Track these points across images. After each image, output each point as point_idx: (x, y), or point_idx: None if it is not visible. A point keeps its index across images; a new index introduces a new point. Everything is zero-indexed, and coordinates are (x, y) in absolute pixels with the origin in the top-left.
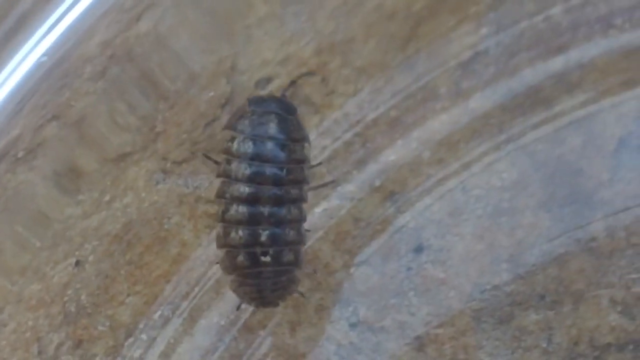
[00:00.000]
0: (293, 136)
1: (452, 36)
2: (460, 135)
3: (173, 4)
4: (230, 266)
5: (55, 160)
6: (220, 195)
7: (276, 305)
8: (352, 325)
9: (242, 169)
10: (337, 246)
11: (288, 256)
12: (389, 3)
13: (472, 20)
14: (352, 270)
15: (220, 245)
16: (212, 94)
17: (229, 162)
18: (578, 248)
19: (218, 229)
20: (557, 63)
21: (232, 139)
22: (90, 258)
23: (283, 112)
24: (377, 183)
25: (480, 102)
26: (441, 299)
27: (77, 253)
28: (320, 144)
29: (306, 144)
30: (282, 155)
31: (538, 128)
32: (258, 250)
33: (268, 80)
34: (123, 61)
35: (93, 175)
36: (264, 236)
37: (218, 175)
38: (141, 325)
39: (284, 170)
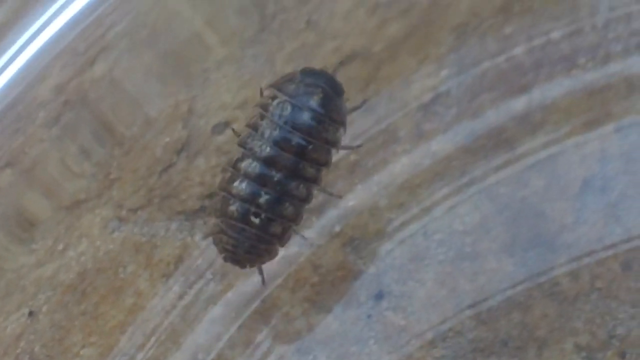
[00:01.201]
0: (332, 116)
1: (412, 78)
2: (421, 178)
3: (128, 47)
4: (220, 210)
5: (8, 208)
6: (241, 144)
7: (243, 266)
8: None
9: (272, 128)
10: (296, 294)
11: (276, 228)
12: (348, 45)
13: (433, 62)
14: (311, 318)
15: (221, 188)
16: (168, 139)
17: (262, 117)
18: (541, 293)
19: (225, 172)
20: (519, 103)
21: (273, 97)
22: (44, 308)
23: (330, 90)
24: (337, 229)
25: (441, 144)
26: (402, 345)
27: (30, 303)
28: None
29: (342, 129)
30: (314, 129)
31: (500, 170)
32: (252, 209)
33: (226, 124)
34: (77, 106)
35: (47, 223)
36: (263, 199)
37: (247, 125)
38: None
39: (311, 146)
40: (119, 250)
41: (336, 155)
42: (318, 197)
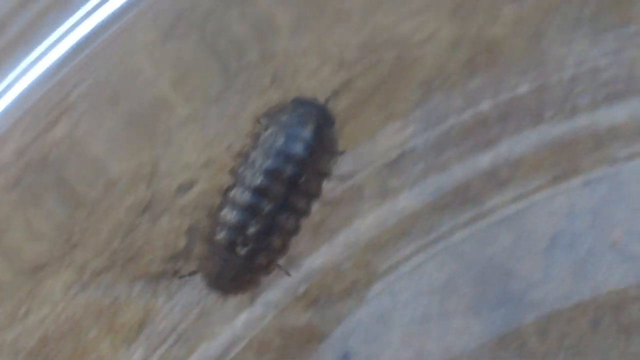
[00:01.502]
0: (325, 146)
1: (378, 135)
2: (387, 237)
3: (90, 108)
4: (207, 236)
5: None
6: (234, 172)
7: (225, 294)
8: None
9: (264, 158)
10: (261, 356)
11: (262, 259)
12: None
13: (398, 118)
14: None
15: (209, 215)
16: (131, 200)
17: (254, 147)
18: (509, 352)
19: (217, 198)
20: (486, 158)
21: (266, 127)
22: None
23: (323, 120)
24: (302, 290)
25: (407, 201)
26: None
27: None
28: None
29: (333, 159)
30: (307, 160)
31: (467, 227)
32: (239, 239)
33: (190, 185)
34: (38, 168)
35: (7, 287)
36: (251, 230)
37: (239, 154)
38: None
39: (303, 177)
40: (81, 315)
41: None
42: (282, 258)
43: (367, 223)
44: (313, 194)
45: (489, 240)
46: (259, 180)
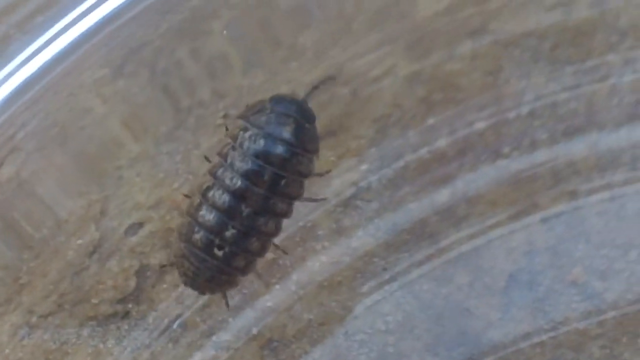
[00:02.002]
0: (306, 146)
1: (332, 173)
2: (341, 276)
3: (37, 148)
4: (185, 236)
5: None
6: (211, 172)
7: (202, 293)
8: None
9: (243, 161)
10: None
11: (239, 262)
12: None
13: (353, 156)
14: None
15: (188, 213)
16: (80, 241)
17: (233, 148)
18: None
19: (195, 197)
20: (443, 195)
21: (245, 129)
22: None
23: (302, 119)
24: (254, 331)
25: (362, 240)
26: None
27: None
28: (194, 292)
29: (315, 157)
30: (288, 162)
31: (424, 265)
32: (217, 241)
33: (140, 225)
34: None
35: None
36: (229, 233)
37: (218, 154)
38: None
39: (284, 180)
40: (29, 359)
41: None
42: (235, 298)
43: (321, 262)
44: (294, 196)
45: (446, 279)
46: (237, 183)
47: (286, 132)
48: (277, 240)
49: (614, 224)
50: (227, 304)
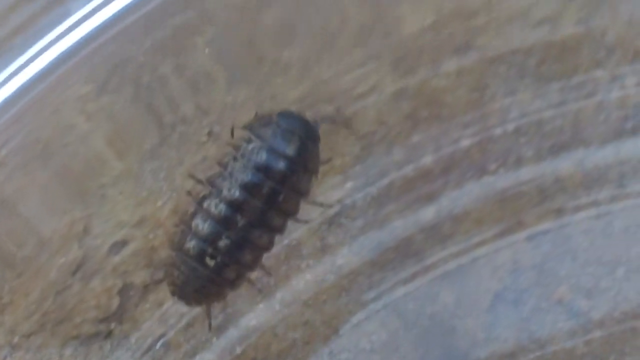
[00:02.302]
0: (307, 165)
1: (317, 191)
2: (326, 294)
3: (20, 165)
4: (177, 243)
5: None
6: (209, 181)
7: (189, 304)
8: None
9: (243, 172)
10: None
11: (230, 273)
12: None
13: (337, 173)
14: None
15: (182, 221)
16: (63, 260)
17: (235, 158)
18: None
19: (191, 205)
20: (428, 213)
21: (249, 140)
22: None
23: (307, 138)
24: (238, 350)
25: (347, 258)
26: None
27: None
28: (177, 310)
29: (314, 177)
30: (288, 178)
31: (409, 283)
32: (209, 250)
33: (123, 243)
34: None
35: None
36: (223, 243)
37: (218, 163)
38: None
39: (282, 195)
40: None
41: None
42: (218, 317)
43: (305, 281)
44: (290, 212)
45: (431, 297)
46: (236, 193)
47: (290, 149)
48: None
49: (600, 241)
50: (209, 326)
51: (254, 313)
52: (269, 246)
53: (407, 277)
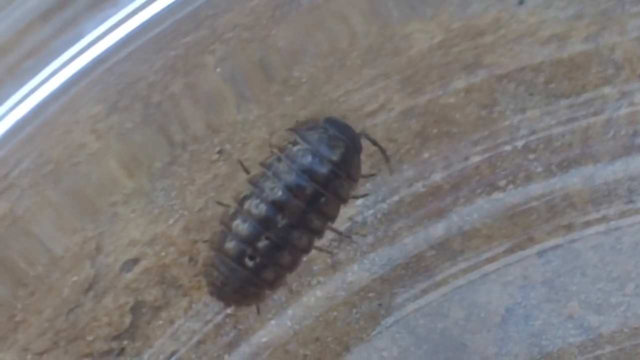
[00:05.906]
0: (350, 172)
1: None
2: (337, 311)
3: (31, 185)
4: (217, 244)
5: None
6: (252, 182)
7: (228, 305)
8: None
9: (287, 172)
10: None
11: (269, 274)
12: None
13: None
14: None
15: (222, 222)
16: (75, 278)
17: (279, 159)
18: None
19: (232, 206)
20: (438, 229)
21: (294, 143)
22: None
23: (352, 146)
24: None
25: (357, 274)
26: None
27: None
28: (189, 328)
29: (354, 185)
30: (331, 182)
31: (419, 299)
32: (249, 251)
33: (135, 261)
34: None
35: None
36: (262, 243)
37: (261, 164)
38: None
39: (324, 198)
40: None
41: None
42: (230, 334)
43: (316, 297)
44: (330, 216)
45: (441, 313)
46: (278, 193)
47: (335, 154)
48: None
49: (610, 257)
50: (258, 311)
51: (265, 330)
52: (307, 248)
53: (418, 293)
